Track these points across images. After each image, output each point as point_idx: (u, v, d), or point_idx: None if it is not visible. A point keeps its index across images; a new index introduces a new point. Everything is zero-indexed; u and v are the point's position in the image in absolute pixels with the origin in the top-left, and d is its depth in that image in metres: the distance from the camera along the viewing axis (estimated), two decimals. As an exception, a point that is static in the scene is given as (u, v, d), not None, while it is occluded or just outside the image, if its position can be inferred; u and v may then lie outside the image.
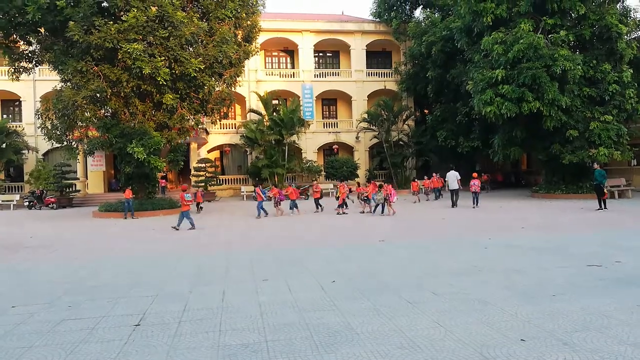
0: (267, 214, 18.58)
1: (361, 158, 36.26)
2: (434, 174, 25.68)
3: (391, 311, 5.44)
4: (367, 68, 37.53)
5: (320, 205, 20.12)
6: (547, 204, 20.16)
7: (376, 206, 17.73)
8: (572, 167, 23.03)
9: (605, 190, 17.50)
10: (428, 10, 34.52)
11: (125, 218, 19.81)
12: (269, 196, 20.25)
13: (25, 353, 4.52)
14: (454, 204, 19.92)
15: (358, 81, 37.08)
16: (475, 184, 19.73)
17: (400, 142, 35.39)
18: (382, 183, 19.11)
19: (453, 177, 20.72)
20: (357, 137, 36.02)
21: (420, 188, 25.51)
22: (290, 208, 18.99)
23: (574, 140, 22.04)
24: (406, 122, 35.60)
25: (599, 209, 16.56)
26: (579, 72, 20.94)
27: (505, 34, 22.22)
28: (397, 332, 4.74)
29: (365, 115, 34.15)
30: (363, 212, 18.39)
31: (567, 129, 21.97)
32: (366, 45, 37.24)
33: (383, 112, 33.68)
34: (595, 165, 18.86)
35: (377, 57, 39.13)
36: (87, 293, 6.87)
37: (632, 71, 22.03)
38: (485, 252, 9.16)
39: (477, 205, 19.58)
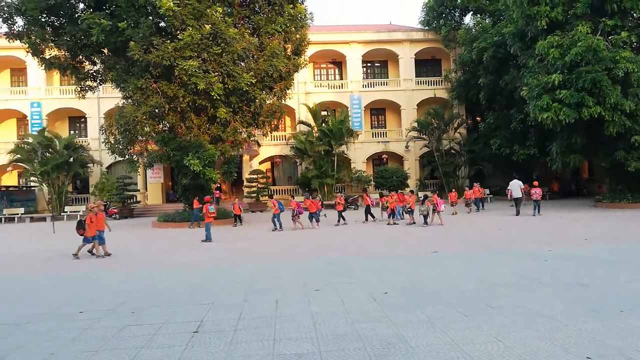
0: (282, 228, 17.85)
1: (411, 167, 35.81)
2: (475, 184, 24.77)
3: (446, 324, 5.33)
4: (416, 77, 37.18)
5: (343, 218, 19.32)
6: (611, 214, 19.06)
7: (425, 217, 17.36)
8: (639, 175, 21.68)
9: None
10: (478, 16, 33.78)
11: (191, 227, 20.38)
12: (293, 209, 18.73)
13: (92, 357, 4.79)
14: (517, 213, 20.06)
15: (407, 90, 36.77)
16: (537, 192, 20.16)
17: (452, 151, 34.65)
18: (427, 194, 18.77)
19: (516, 186, 20.76)
20: (406, 147, 35.63)
21: (465, 200, 24.41)
22: (310, 220, 18.43)
23: (640, 147, 20.78)
24: (458, 131, 34.87)
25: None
26: (644, 74, 19.78)
27: (561, 37, 21.36)
28: (453, 345, 4.63)
29: (415, 124, 33.75)
30: (413, 223, 18.07)
31: (632, 135, 20.75)
32: (415, 54, 36.94)
33: (433, 120, 33.17)
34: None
35: (426, 65, 38.69)
36: (148, 300, 7.18)
37: None
38: (546, 264, 8.78)
39: (538, 212, 19.51)
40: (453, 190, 26.98)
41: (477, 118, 38.25)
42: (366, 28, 38.69)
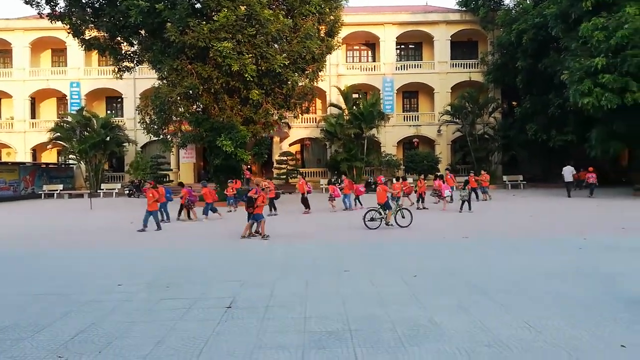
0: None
1: (443, 152, 35.25)
2: (471, 173, 21.55)
3: (478, 309, 5.33)
4: (451, 59, 36.31)
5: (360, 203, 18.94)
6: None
7: (462, 203, 17.02)
8: (683, 164, 20.76)
9: None
10: (519, -4, 32.59)
11: (231, 211, 19.37)
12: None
13: (131, 327, 5.02)
14: (569, 195, 22.57)
15: (441, 73, 36.01)
16: (592, 176, 22.67)
17: (486, 136, 33.90)
18: (467, 179, 18.45)
19: (568, 172, 23.39)
20: (438, 131, 35.04)
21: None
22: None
23: (687, 135, 19.84)
24: (492, 115, 34.03)
25: None
26: (695, 58, 18.77)
27: (607, 19, 20.42)
28: (483, 329, 4.64)
29: (448, 108, 33.12)
30: (444, 209, 17.83)
31: (678, 122, 19.82)
32: (451, 36, 36.03)
33: (467, 104, 32.44)
34: None
35: (462, 48, 37.68)
36: (182, 276, 7.44)
37: None
38: (580, 253, 8.59)
39: (591, 195, 21.94)
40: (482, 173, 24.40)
41: (513, 103, 37.13)
42: (401, 9, 37.94)
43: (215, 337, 4.65)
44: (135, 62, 23.85)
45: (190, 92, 20.50)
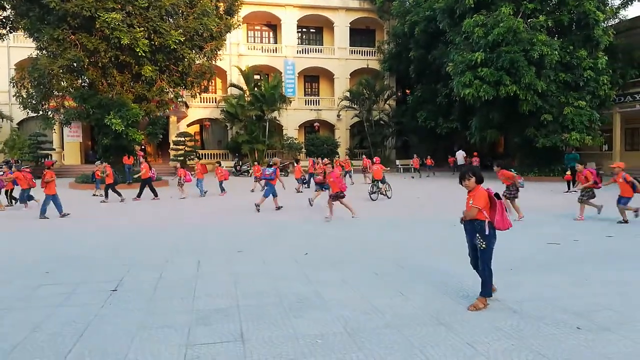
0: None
1: (342, 136, 36.46)
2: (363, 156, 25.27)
3: (358, 282, 5.75)
4: (350, 46, 37.44)
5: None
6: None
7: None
8: (545, 151, 23.67)
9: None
10: (413, -11, 34.35)
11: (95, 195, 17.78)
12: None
13: (6, 315, 4.68)
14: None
15: (341, 59, 37.00)
16: (476, 160, 26.86)
17: (381, 122, 35.68)
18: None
19: (461, 156, 28.41)
20: (338, 116, 36.12)
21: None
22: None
23: (548, 125, 22.64)
24: (387, 102, 35.86)
25: (566, 192, 17.21)
26: (555, 57, 21.39)
27: (486, 17, 22.43)
28: (363, 299, 5.04)
29: (347, 94, 34.24)
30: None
31: (542, 113, 22.52)
32: (350, 23, 37.07)
33: (365, 90, 33.82)
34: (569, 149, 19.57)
35: (360, 35, 39.00)
36: (63, 261, 7.00)
37: (607, 58, 22.54)
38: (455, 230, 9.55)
39: None
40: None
41: (407, 91, 39.41)
42: (302, -8, 38.06)
43: (98, 319, 4.51)
44: (8, 29, 21.28)
45: (74, 65, 18.90)
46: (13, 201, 14.82)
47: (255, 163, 20.09)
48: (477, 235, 4.70)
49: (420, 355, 3.68)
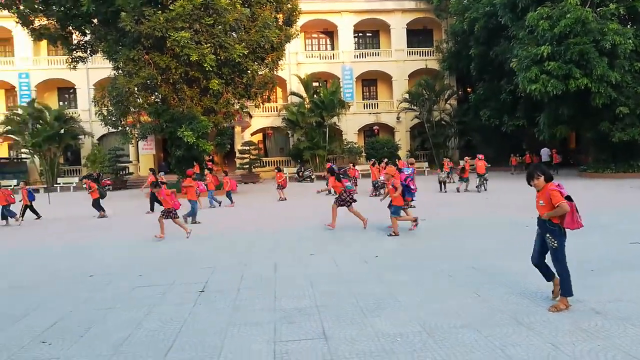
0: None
1: (402, 139, 36.20)
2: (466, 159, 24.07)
3: (430, 284, 5.83)
4: (407, 47, 37.14)
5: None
6: (595, 184, 19.70)
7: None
8: (622, 145, 22.29)
9: None
10: (471, -15, 33.56)
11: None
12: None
13: (108, 313, 5.22)
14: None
15: (398, 61, 36.80)
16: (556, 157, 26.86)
17: (443, 122, 35.03)
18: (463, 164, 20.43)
19: (545, 153, 27.99)
20: (397, 118, 35.93)
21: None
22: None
23: (625, 118, 21.33)
24: (448, 102, 35.20)
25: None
26: (629, 46, 20.12)
27: (551, 9, 21.48)
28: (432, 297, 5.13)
29: (406, 95, 33.97)
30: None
31: (617, 106, 21.24)
32: (406, 24, 36.80)
33: (424, 91, 33.40)
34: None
35: (417, 36, 38.59)
36: (154, 265, 7.61)
37: (687, 44, 20.90)
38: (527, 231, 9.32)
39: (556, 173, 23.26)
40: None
41: (468, 89, 38.48)
42: (357, -3, 38.32)
43: (192, 317, 4.94)
44: (88, 52, 23.20)
45: (149, 82, 20.20)
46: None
47: (276, 170, 19.20)
48: (548, 235, 4.69)
49: (502, 354, 3.74)
